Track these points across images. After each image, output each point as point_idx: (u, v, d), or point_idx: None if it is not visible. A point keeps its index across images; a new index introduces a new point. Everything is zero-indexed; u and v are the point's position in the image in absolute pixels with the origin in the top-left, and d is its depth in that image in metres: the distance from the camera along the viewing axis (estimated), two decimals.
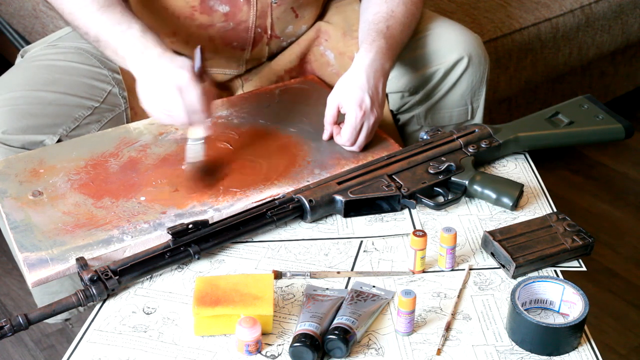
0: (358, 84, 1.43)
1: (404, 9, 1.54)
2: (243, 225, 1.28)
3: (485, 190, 1.36)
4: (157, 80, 1.32)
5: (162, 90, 1.32)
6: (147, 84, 1.34)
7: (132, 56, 1.36)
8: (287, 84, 1.64)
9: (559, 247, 1.25)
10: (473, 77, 1.59)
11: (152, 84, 1.33)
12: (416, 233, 1.21)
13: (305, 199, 1.31)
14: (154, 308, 1.18)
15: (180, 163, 1.41)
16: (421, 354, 1.11)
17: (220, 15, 1.54)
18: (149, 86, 1.34)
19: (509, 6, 2.20)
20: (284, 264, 1.25)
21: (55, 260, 1.22)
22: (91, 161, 1.41)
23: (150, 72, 1.34)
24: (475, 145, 1.44)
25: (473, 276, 1.24)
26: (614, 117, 1.53)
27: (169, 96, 1.31)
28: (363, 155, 1.45)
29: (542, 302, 1.18)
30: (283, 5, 1.57)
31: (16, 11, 2.31)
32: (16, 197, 1.33)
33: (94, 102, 1.52)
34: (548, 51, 2.22)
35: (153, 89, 1.33)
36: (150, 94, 1.34)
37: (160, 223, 1.29)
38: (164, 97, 1.32)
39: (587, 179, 2.43)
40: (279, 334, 1.13)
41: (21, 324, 1.13)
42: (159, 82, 1.32)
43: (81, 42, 1.56)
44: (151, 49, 1.35)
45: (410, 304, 1.11)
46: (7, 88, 1.48)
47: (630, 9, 2.38)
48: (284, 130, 1.51)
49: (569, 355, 1.12)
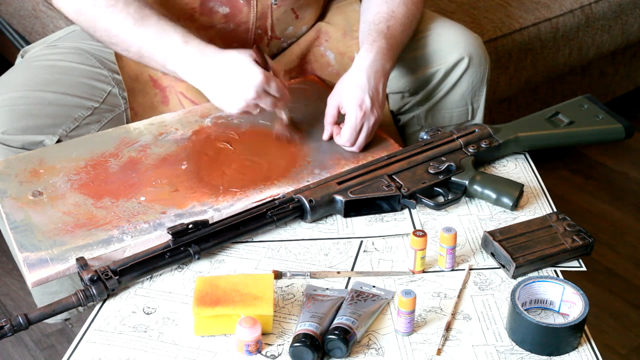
0: (358, 84, 1.43)
1: (404, 9, 1.54)
2: (243, 225, 1.28)
3: (485, 190, 1.36)
4: (232, 86, 1.36)
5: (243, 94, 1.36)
6: (221, 92, 1.37)
7: (186, 70, 1.38)
8: (287, 83, 1.64)
9: (559, 247, 1.25)
10: (473, 77, 1.60)
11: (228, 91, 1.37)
12: (416, 233, 1.21)
13: (305, 199, 1.31)
14: (154, 308, 1.18)
15: (180, 163, 1.41)
16: (421, 354, 1.11)
17: (220, 16, 1.54)
18: (226, 94, 1.37)
19: (509, 6, 2.20)
20: (284, 264, 1.25)
21: (55, 260, 1.22)
22: (91, 161, 1.41)
23: (218, 80, 1.36)
24: (475, 145, 1.44)
25: (473, 276, 1.24)
26: (614, 117, 1.53)
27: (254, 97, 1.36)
28: (363, 155, 1.46)
29: (542, 302, 1.18)
30: (283, 6, 1.57)
31: (16, 11, 2.31)
32: (16, 197, 1.33)
33: (94, 103, 1.52)
34: (548, 51, 2.22)
35: (233, 96, 1.36)
36: (231, 101, 1.37)
37: (160, 223, 1.29)
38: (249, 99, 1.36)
39: (587, 179, 2.43)
40: (279, 334, 1.13)
41: (21, 324, 1.13)
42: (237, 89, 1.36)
43: (81, 42, 1.56)
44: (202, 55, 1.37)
45: (410, 304, 1.11)
46: (7, 88, 1.48)
47: (630, 9, 2.38)
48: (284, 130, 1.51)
49: (569, 355, 1.12)
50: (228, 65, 1.36)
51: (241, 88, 1.36)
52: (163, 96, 1.57)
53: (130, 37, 1.40)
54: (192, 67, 1.38)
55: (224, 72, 1.36)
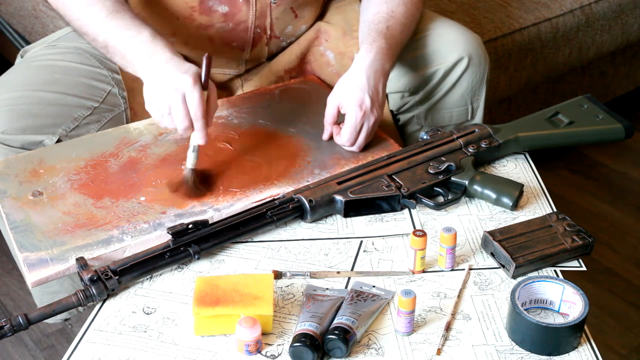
0: (358, 84, 1.43)
1: (404, 9, 1.54)
2: (243, 225, 1.28)
3: (485, 190, 1.36)
4: (161, 83, 1.33)
5: (165, 93, 1.32)
6: (151, 87, 1.34)
7: (140, 61, 1.36)
8: (287, 84, 1.64)
9: (559, 247, 1.24)
10: (473, 77, 1.59)
11: (156, 87, 1.33)
12: (416, 233, 1.21)
13: (305, 199, 1.31)
14: (154, 308, 1.18)
15: (181, 163, 1.41)
16: (421, 354, 1.11)
17: (219, 15, 1.54)
18: (153, 89, 1.34)
19: (509, 6, 2.20)
20: (284, 264, 1.25)
21: (55, 260, 1.22)
22: (91, 161, 1.41)
23: (156, 75, 1.34)
24: (475, 145, 1.44)
25: (473, 276, 1.24)
26: (614, 117, 1.53)
27: (171, 100, 1.31)
28: (363, 155, 1.45)
29: (542, 302, 1.18)
30: (282, 6, 1.57)
31: (16, 11, 2.31)
32: (16, 197, 1.33)
33: (94, 102, 1.52)
34: (548, 51, 2.22)
35: (156, 92, 1.33)
36: (153, 97, 1.34)
37: (160, 223, 1.29)
38: (166, 100, 1.32)
39: (587, 179, 2.43)
40: (279, 334, 1.13)
41: (21, 324, 1.13)
42: (162, 86, 1.32)
43: (81, 42, 1.56)
44: (159, 54, 1.35)
45: (410, 304, 1.11)
46: (7, 88, 1.48)
47: (630, 9, 2.38)
48: (284, 130, 1.51)
49: (569, 355, 1.12)
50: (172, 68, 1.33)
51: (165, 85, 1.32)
52: None
53: (100, 27, 1.40)
54: (146, 61, 1.36)
55: (164, 71, 1.33)
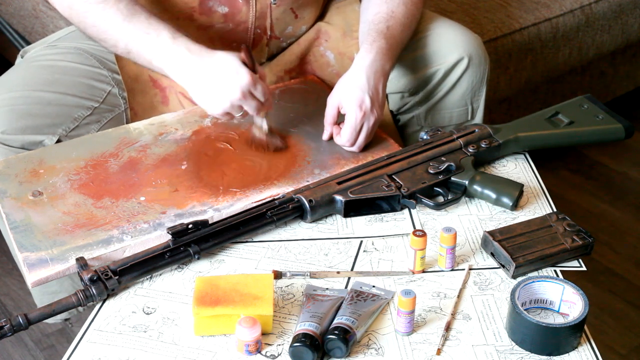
0: (358, 85, 1.43)
1: (404, 9, 1.54)
2: (243, 225, 1.28)
3: (485, 190, 1.36)
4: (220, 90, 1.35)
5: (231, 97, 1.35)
6: (209, 96, 1.36)
7: (173, 66, 1.37)
8: (287, 84, 1.64)
9: (559, 247, 1.24)
10: (473, 77, 1.59)
11: (216, 95, 1.35)
12: (416, 233, 1.21)
13: (305, 199, 1.31)
14: (154, 308, 1.18)
15: (180, 163, 1.41)
16: (421, 354, 1.11)
17: (219, 16, 1.54)
18: (213, 98, 1.36)
19: (509, 6, 2.20)
20: (284, 264, 1.25)
21: (55, 260, 1.22)
22: (91, 161, 1.41)
23: (206, 84, 1.35)
24: (475, 145, 1.44)
25: (473, 276, 1.24)
26: (614, 117, 1.53)
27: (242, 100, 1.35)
28: (363, 155, 1.45)
29: (542, 302, 1.18)
30: (282, 6, 1.57)
31: (16, 11, 2.31)
32: (16, 197, 1.33)
33: (94, 103, 1.52)
34: (548, 51, 2.22)
35: (220, 99, 1.35)
36: (218, 104, 1.36)
37: (160, 223, 1.29)
38: (237, 102, 1.35)
39: (587, 179, 2.43)
40: (279, 334, 1.13)
41: (21, 324, 1.13)
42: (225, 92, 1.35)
43: (81, 42, 1.56)
44: (187, 52, 1.36)
45: (410, 304, 1.11)
46: (7, 88, 1.48)
47: (630, 9, 2.38)
48: (284, 130, 1.51)
49: (569, 355, 1.12)
50: (215, 65, 1.35)
51: (227, 88, 1.35)
52: (163, 96, 1.57)
53: (119, 33, 1.39)
54: (179, 64, 1.37)
55: (211, 71, 1.35)
